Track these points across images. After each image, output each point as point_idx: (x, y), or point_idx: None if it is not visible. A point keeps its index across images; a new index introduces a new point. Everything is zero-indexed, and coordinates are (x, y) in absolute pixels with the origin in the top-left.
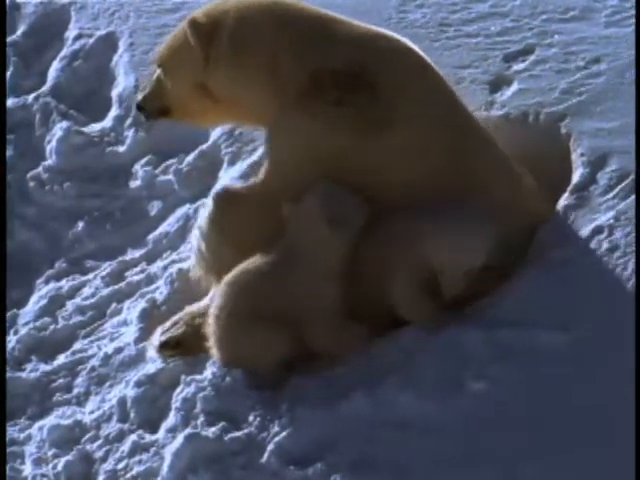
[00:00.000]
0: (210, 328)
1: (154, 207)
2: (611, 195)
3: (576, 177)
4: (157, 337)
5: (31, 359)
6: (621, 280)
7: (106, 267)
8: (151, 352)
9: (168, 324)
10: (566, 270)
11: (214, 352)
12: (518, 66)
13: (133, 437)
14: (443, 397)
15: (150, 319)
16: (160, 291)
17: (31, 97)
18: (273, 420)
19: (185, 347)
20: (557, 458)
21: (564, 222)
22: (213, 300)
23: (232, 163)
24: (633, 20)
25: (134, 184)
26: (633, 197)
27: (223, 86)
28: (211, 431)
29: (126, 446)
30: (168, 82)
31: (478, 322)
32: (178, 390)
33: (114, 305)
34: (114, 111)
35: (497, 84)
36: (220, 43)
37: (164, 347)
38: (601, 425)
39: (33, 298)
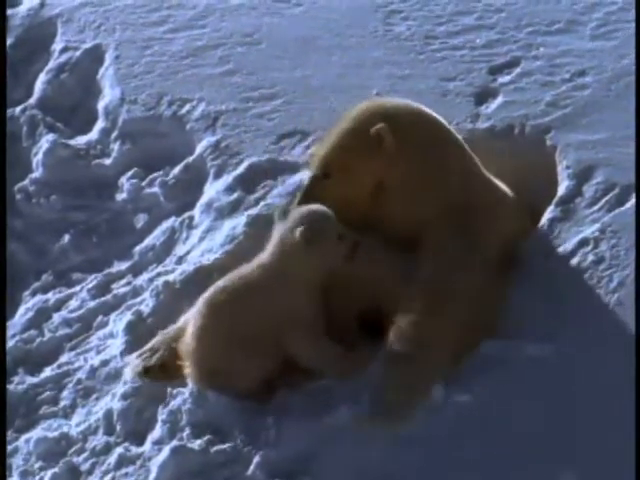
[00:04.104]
0: (188, 346)
1: (140, 220)
2: (597, 207)
3: (562, 189)
4: (135, 363)
5: (18, 372)
6: (607, 292)
7: (92, 279)
8: (129, 376)
9: (146, 350)
10: (552, 282)
11: (189, 369)
12: (503, 78)
13: (119, 450)
14: (428, 409)
15: (136, 331)
16: (146, 303)
17: (18, 109)
18: (259, 433)
19: (166, 372)
20: (542, 468)
21: (550, 234)
22: (193, 318)
23: (218, 176)
24: (618, 33)
25: (120, 197)
26: (618, 209)
27: (400, 178)
28: (197, 443)
29: (112, 459)
30: (338, 187)
31: None
32: (164, 403)
33: (100, 317)
34: (100, 124)
35: (482, 96)
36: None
37: (147, 374)
38: (587, 435)
39: (19, 310)
